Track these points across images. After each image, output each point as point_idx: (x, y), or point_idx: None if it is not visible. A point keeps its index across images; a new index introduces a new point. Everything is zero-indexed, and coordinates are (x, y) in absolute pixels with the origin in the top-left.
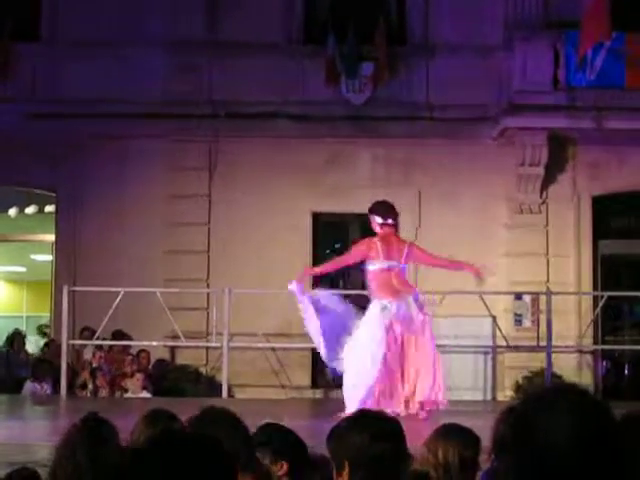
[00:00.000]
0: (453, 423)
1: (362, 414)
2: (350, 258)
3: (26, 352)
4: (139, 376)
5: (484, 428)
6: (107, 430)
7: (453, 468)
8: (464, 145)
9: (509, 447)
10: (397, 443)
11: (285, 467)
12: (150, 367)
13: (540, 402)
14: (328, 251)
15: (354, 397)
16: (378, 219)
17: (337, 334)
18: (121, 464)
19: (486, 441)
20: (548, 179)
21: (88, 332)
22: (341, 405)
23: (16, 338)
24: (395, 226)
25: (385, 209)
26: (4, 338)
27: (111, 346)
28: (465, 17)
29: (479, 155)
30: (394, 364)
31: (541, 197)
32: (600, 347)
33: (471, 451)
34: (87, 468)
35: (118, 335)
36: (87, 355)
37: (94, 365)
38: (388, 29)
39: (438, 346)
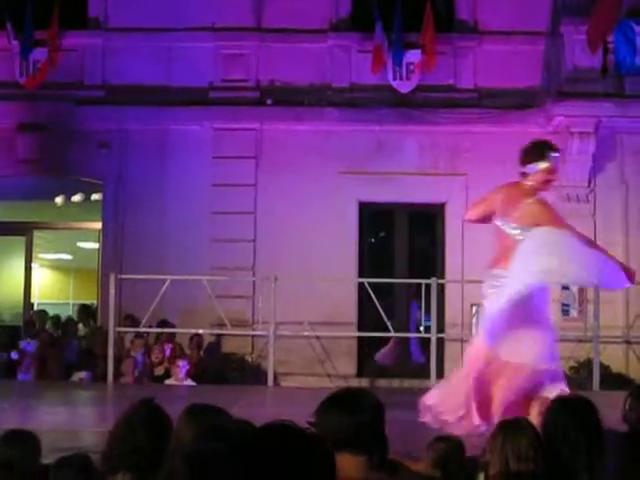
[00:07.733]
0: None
1: None
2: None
3: (78, 339)
4: (181, 363)
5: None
6: (165, 416)
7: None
8: (511, 132)
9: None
10: None
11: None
12: (202, 353)
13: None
14: (373, 240)
15: None
16: None
17: None
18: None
19: None
20: (596, 167)
21: (130, 320)
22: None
23: (68, 325)
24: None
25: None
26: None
27: (157, 335)
28: (513, 3)
29: (527, 142)
30: None
31: (589, 185)
32: None
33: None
34: (147, 449)
35: (163, 324)
36: (127, 343)
37: (133, 354)
38: (435, 15)
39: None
